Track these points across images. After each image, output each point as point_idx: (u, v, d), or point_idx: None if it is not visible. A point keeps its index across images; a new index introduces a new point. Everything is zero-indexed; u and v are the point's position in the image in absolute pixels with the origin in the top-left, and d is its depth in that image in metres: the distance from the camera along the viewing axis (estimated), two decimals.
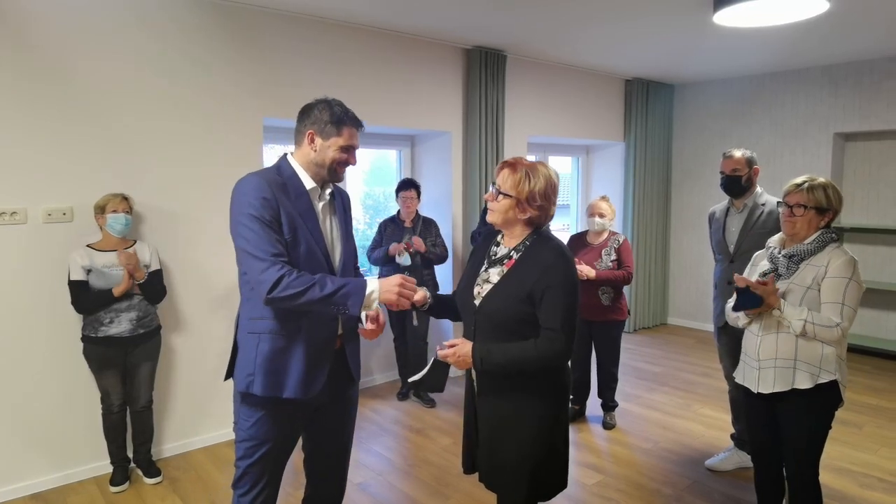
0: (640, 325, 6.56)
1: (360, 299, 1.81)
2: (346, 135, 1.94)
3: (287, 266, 1.80)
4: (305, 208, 1.92)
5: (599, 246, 3.82)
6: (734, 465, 3.34)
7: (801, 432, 2.28)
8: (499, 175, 1.93)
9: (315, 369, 1.93)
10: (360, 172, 5.43)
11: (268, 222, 1.82)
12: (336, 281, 1.82)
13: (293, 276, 1.78)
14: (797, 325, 2.18)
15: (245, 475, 1.95)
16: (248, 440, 1.93)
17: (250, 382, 1.90)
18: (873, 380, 4.88)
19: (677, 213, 6.75)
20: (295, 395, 1.90)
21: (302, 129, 1.96)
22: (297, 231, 1.87)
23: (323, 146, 1.93)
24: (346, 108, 1.97)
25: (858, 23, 4.15)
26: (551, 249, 1.88)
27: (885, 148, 5.52)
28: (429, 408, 4.34)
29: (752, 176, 3.16)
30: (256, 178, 1.88)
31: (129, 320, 3.07)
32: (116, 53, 3.24)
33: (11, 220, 3.01)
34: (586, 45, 4.84)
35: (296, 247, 1.87)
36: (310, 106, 1.96)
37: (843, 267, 2.19)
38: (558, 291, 1.81)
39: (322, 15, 3.92)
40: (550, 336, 1.81)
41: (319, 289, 1.78)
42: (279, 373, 1.89)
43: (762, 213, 3.10)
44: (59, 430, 3.21)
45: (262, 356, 1.90)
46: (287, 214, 1.86)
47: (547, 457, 1.92)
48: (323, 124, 1.92)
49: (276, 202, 1.84)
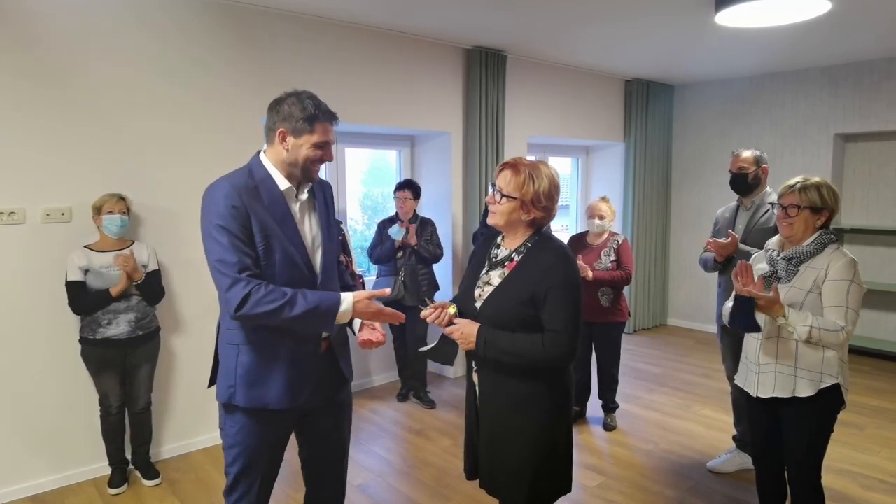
0: (640, 325, 6.56)
1: (330, 319, 1.76)
2: (319, 131, 1.82)
3: (255, 281, 1.71)
4: (281, 212, 1.82)
5: (599, 246, 3.81)
6: (736, 467, 3.33)
7: (803, 435, 2.26)
8: (499, 176, 1.89)
9: (300, 377, 1.86)
10: (359, 173, 5.42)
11: (236, 233, 1.72)
12: (309, 298, 1.74)
13: (261, 293, 1.69)
14: (802, 331, 2.13)
15: (235, 482, 1.89)
16: (235, 447, 1.88)
17: (232, 394, 1.84)
18: (873, 381, 4.87)
19: (677, 213, 6.74)
20: (279, 405, 1.84)
21: (272, 127, 1.84)
22: (271, 239, 1.78)
23: (295, 145, 1.81)
24: (318, 101, 1.84)
25: (859, 23, 4.14)
26: (553, 251, 1.86)
27: (884, 148, 5.52)
28: (428, 409, 4.33)
29: (759, 174, 3.18)
30: (226, 184, 1.78)
31: (127, 322, 3.06)
32: (116, 53, 3.22)
33: (10, 220, 3.00)
34: (586, 46, 4.83)
35: (270, 255, 1.78)
36: (279, 101, 1.83)
37: (844, 269, 2.17)
38: (561, 292, 1.80)
39: (322, 15, 3.91)
40: (554, 337, 1.79)
41: (289, 308, 1.70)
42: (261, 384, 1.82)
43: (767, 211, 3.11)
44: (57, 432, 3.20)
45: (242, 367, 1.83)
46: (259, 222, 1.76)
47: (549, 460, 1.89)
48: (294, 121, 1.80)
49: (245, 210, 1.74)
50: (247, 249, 1.74)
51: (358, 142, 4.82)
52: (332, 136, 1.88)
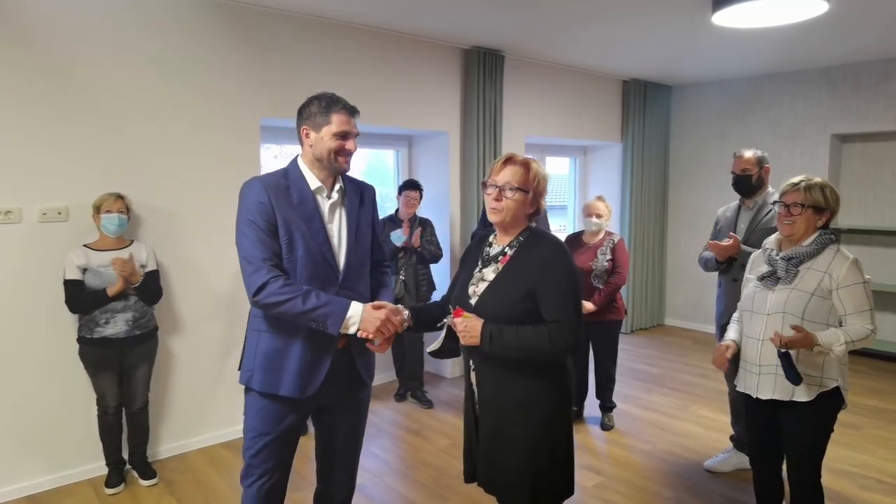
0: (638, 325, 6.56)
1: (338, 322, 1.84)
2: (335, 121, 1.91)
3: (276, 272, 1.84)
4: (309, 209, 1.93)
5: (595, 245, 3.82)
6: (733, 467, 3.34)
7: (804, 435, 2.25)
8: (500, 173, 1.89)
9: (312, 369, 1.94)
10: (357, 173, 5.40)
11: (262, 227, 1.86)
12: (322, 297, 1.84)
13: (279, 284, 1.82)
14: (840, 349, 2.09)
15: (250, 466, 1.99)
16: (251, 430, 1.97)
17: (250, 378, 1.96)
18: (871, 381, 4.88)
19: (675, 214, 6.75)
20: (290, 393, 1.92)
21: (299, 130, 1.98)
22: (293, 234, 1.89)
23: (317, 139, 1.93)
24: (335, 96, 1.95)
25: (857, 24, 4.15)
26: (547, 243, 1.88)
27: (882, 149, 5.53)
28: (426, 409, 4.33)
29: (762, 175, 3.17)
30: (257, 182, 1.92)
31: (125, 321, 3.05)
32: (115, 52, 3.22)
33: (6, 219, 2.99)
34: (584, 46, 4.84)
35: (292, 250, 1.89)
36: (302, 105, 1.97)
37: (853, 272, 2.15)
38: (561, 283, 1.81)
39: (321, 15, 3.91)
40: (559, 327, 1.78)
41: (302, 302, 1.82)
42: (276, 370, 1.92)
43: (769, 211, 3.10)
44: (54, 432, 3.19)
45: (261, 354, 1.95)
46: (283, 218, 1.88)
47: (549, 461, 1.88)
48: (313, 117, 1.93)
49: (271, 206, 1.87)
50: (271, 243, 1.87)
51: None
52: (353, 127, 1.97)
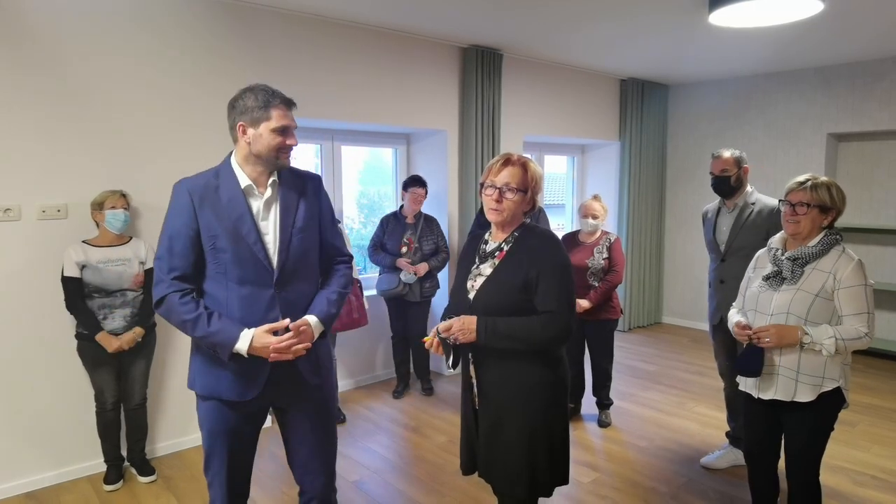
0: (635, 323, 6.58)
1: (226, 352, 1.83)
2: (275, 115, 1.83)
3: (178, 285, 1.83)
4: (238, 210, 1.85)
5: (591, 244, 3.84)
6: (729, 463, 3.36)
7: (804, 433, 2.26)
8: (499, 174, 1.91)
9: (251, 372, 1.89)
10: (355, 172, 5.42)
11: (179, 233, 1.84)
12: (213, 324, 1.81)
13: (175, 301, 1.82)
14: (829, 344, 2.11)
15: (207, 461, 2.00)
16: (202, 429, 1.99)
17: (192, 382, 1.98)
18: (866, 378, 4.91)
19: (672, 212, 6.77)
20: (231, 396, 1.91)
21: (233, 125, 1.88)
22: (219, 238, 1.83)
23: (255, 135, 1.84)
24: (271, 89, 1.87)
25: (852, 24, 4.17)
26: (539, 235, 1.94)
27: (877, 148, 5.56)
28: (426, 396, 4.44)
29: (741, 175, 3.16)
30: (183, 183, 1.88)
31: (122, 317, 3.06)
32: (114, 49, 3.22)
33: (5, 216, 2.99)
34: (582, 45, 4.85)
35: (218, 253, 1.85)
36: (234, 98, 1.88)
37: (857, 274, 2.14)
38: (552, 273, 1.85)
39: (319, 13, 3.91)
40: (550, 317, 1.84)
41: (192, 327, 1.82)
42: (213, 375, 1.92)
43: (752, 212, 3.12)
44: (52, 429, 3.20)
45: (198, 358, 1.96)
46: (207, 222, 1.83)
47: (547, 452, 1.93)
48: (250, 112, 1.84)
49: (192, 209, 1.83)
50: (184, 252, 1.84)
51: (354, 140, 4.82)
52: (292, 121, 1.89)
